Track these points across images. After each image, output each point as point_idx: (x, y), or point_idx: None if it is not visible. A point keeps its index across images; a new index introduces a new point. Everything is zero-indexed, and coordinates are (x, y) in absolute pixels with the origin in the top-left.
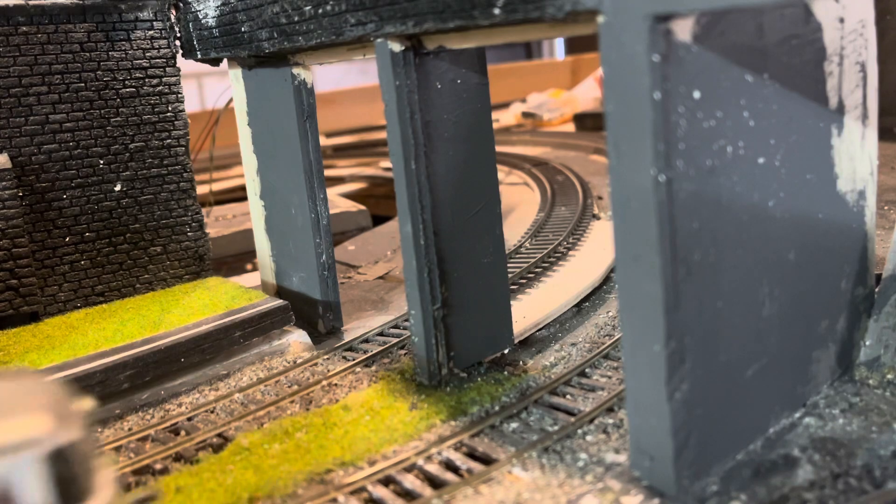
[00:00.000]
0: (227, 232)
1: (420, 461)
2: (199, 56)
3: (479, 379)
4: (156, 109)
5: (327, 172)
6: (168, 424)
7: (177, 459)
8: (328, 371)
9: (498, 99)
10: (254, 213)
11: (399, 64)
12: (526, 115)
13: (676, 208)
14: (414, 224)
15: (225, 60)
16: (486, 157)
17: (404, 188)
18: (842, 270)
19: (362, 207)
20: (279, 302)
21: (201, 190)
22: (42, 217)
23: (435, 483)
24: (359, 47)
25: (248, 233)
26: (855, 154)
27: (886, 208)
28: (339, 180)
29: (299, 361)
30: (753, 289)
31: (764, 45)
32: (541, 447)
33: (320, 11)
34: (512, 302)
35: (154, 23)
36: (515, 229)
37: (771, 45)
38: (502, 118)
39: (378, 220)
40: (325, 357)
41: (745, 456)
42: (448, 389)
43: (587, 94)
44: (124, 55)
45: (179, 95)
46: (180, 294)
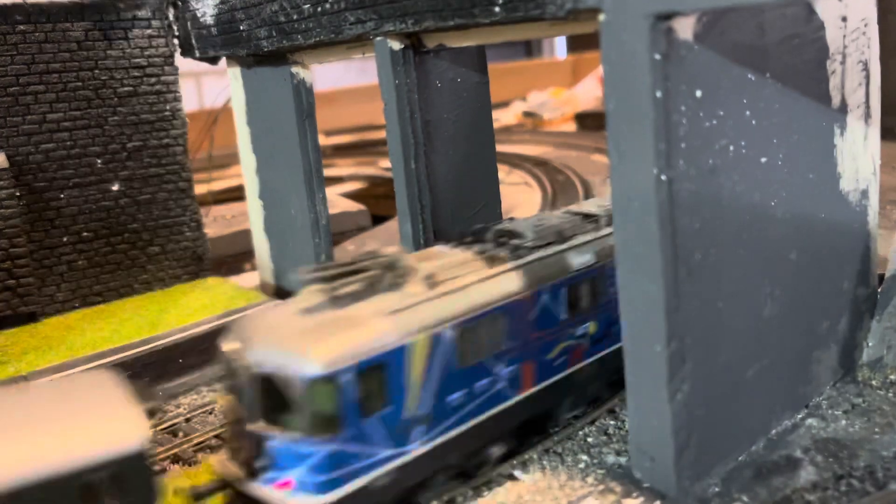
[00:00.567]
0: (226, 232)
1: None
2: (198, 55)
3: None
4: (154, 108)
5: (327, 172)
6: (167, 425)
7: (175, 461)
8: None
9: (498, 98)
10: (252, 213)
11: (399, 62)
12: (526, 115)
13: (677, 208)
14: (414, 224)
15: (223, 59)
16: (487, 157)
17: (404, 188)
18: (844, 270)
19: (362, 207)
20: (278, 302)
21: (200, 189)
22: (40, 217)
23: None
24: (358, 46)
25: (247, 233)
26: (857, 153)
27: (889, 208)
28: (339, 180)
29: None
30: (755, 289)
31: (765, 45)
32: (541, 449)
33: (319, 10)
34: None
35: (152, 21)
36: None
37: (772, 44)
38: (503, 117)
39: (378, 220)
40: None
41: (747, 457)
42: None
43: (588, 94)
44: (122, 54)
45: (177, 94)
46: (178, 294)
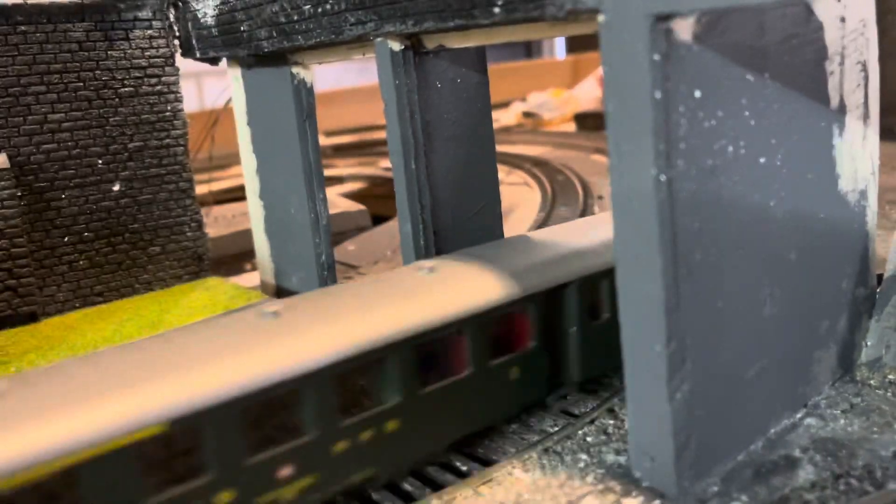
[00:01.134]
0: (227, 232)
1: None
2: (198, 55)
3: None
4: (154, 109)
5: (327, 172)
6: None
7: None
8: None
9: (498, 98)
10: (253, 213)
11: (399, 63)
12: (526, 115)
13: (677, 208)
14: (414, 224)
15: (224, 60)
16: (487, 157)
17: (404, 188)
18: (843, 270)
19: (362, 207)
20: None
21: (200, 190)
22: (40, 217)
23: (435, 484)
24: (358, 46)
25: (248, 233)
26: (856, 153)
27: (888, 208)
28: (339, 180)
29: None
30: (754, 289)
31: (765, 45)
32: (541, 448)
33: (320, 10)
34: None
35: (153, 22)
36: (516, 229)
37: (772, 45)
38: (502, 118)
39: (378, 220)
40: None
41: (746, 456)
42: None
43: (588, 94)
44: (123, 54)
45: (178, 95)
46: (179, 294)
